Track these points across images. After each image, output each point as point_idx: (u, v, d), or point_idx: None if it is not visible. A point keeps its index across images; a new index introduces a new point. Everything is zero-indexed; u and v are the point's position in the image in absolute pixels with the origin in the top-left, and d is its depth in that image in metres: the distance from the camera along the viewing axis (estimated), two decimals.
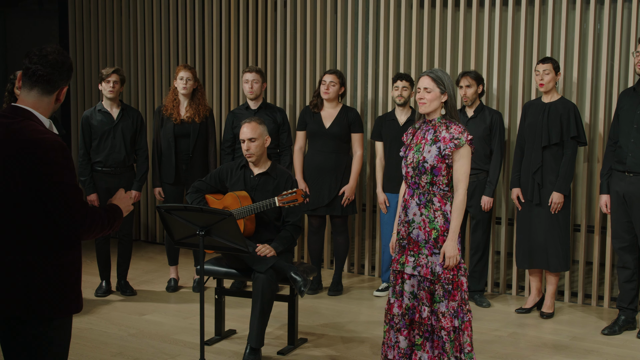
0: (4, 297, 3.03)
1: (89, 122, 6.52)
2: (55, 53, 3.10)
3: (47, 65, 3.07)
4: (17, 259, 3.01)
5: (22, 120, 3.03)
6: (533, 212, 6.15)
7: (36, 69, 3.07)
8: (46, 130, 3.04)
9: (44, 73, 3.07)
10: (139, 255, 8.08)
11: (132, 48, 8.70)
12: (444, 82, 4.43)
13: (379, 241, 7.33)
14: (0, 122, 3.04)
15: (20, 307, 3.03)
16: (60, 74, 3.10)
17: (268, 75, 7.85)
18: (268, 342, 5.45)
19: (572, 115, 6.02)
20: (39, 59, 3.07)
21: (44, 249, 3.03)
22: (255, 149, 5.39)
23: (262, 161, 5.48)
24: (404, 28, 7.20)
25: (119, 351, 5.34)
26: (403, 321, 4.48)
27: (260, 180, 5.46)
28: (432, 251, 4.41)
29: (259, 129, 5.40)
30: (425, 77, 4.46)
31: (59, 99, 3.15)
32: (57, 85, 3.12)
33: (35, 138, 2.97)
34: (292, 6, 7.73)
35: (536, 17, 6.64)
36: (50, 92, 3.11)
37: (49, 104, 3.13)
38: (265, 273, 5.09)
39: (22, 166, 2.96)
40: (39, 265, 3.03)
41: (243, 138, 5.40)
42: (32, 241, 3.02)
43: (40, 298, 3.04)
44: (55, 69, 3.08)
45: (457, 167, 4.40)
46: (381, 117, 6.84)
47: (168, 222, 4.76)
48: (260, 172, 5.48)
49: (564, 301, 6.66)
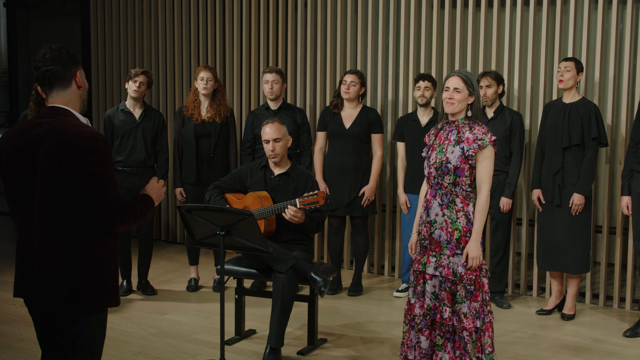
0: (47, 290, 3.13)
1: (111, 122, 6.56)
2: (51, 50, 3.23)
3: (49, 63, 3.21)
4: (60, 251, 3.12)
5: (62, 117, 3.18)
6: (554, 214, 6.12)
7: (42, 70, 3.21)
8: (85, 125, 3.19)
9: (50, 70, 3.21)
10: (159, 254, 8.12)
11: (153, 48, 8.74)
12: (473, 84, 4.43)
13: (399, 242, 7.32)
14: (40, 122, 3.18)
15: (63, 300, 3.12)
16: (64, 63, 3.22)
17: (288, 76, 7.86)
18: (288, 342, 5.46)
19: (594, 115, 5.98)
20: (40, 62, 3.22)
21: (85, 242, 3.14)
22: (279, 149, 5.41)
23: (283, 161, 5.49)
24: (425, 28, 7.19)
25: (139, 350, 5.37)
26: (424, 321, 4.47)
27: (280, 181, 5.47)
28: (454, 252, 4.41)
29: (282, 129, 5.42)
30: (456, 77, 4.44)
31: (80, 85, 3.28)
32: (69, 75, 3.24)
33: (77, 131, 3.11)
34: (312, 6, 7.73)
35: (558, 17, 6.61)
36: (66, 84, 3.24)
37: (74, 95, 3.27)
38: (286, 273, 5.10)
39: (66, 158, 3.07)
40: (81, 258, 3.14)
41: (268, 139, 5.41)
42: (75, 233, 3.13)
43: (82, 291, 3.14)
44: (57, 62, 3.21)
45: (481, 168, 4.39)
46: (403, 118, 6.83)
47: (189, 222, 4.78)
48: (280, 172, 5.49)
49: (585, 303, 6.62)
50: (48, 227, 3.12)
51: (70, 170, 3.07)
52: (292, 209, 5.20)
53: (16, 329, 5.76)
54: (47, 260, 3.12)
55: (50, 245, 3.12)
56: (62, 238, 3.11)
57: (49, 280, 3.12)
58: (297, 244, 5.46)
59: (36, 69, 3.22)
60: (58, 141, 3.09)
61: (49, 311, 3.16)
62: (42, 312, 3.20)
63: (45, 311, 3.17)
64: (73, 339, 3.18)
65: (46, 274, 3.12)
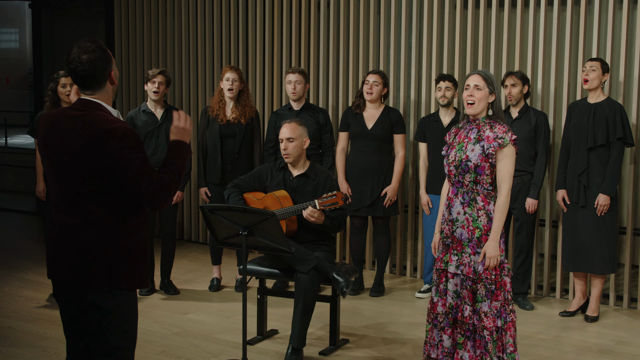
0: (83, 270, 3.28)
1: (133, 123, 6.59)
2: (86, 52, 3.30)
3: (86, 66, 3.30)
4: (98, 234, 3.28)
5: (94, 112, 3.30)
6: (578, 214, 6.08)
7: (78, 72, 3.31)
8: (117, 119, 3.31)
9: (86, 73, 3.31)
10: (182, 254, 8.15)
11: (177, 49, 8.78)
12: (493, 83, 4.42)
13: (421, 242, 7.31)
14: (73, 115, 3.32)
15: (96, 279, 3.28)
16: (98, 67, 3.32)
17: (311, 76, 7.86)
18: (310, 343, 5.47)
19: (619, 115, 5.93)
20: (76, 64, 3.30)
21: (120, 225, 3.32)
22: (292, 149, 5.41)
23: (300, 162, 5.50)
24: (447, 28, 7.16)
25: (162, 349, 5.40)
26: (447, 320, 4.47)
27: (299, 182, 5.48)
28: (475, 250, 4.40)
29: (298, 130, 5.42)
30: (476, 75, 4.44)
31: (114, 82, 3.39)
32: (103, 76, 3.35)
33: (110, 127, 3.24)
34: (335, 7, 7.73)
35: (582, 17, 6.56)
36: (101, 84, 3.36)
37: (107, 91, 3.39)
38: (308, 273, 5.11)
39: (101, 151, 3.22)
40: (116, 241, 3.30)
41: (281, 137, 5.44)
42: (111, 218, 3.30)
43: (114, 270, 3.29)
44: (92, 64, 3.30)
45: (501, 166, 4.38)
46: (425, 118, 6.81)
47: (211, 222, 4.80)
48: (299, 173, 5.50)
49: (609, 305, 6.57)
50: (86, 212, 3.27)
51: (106, 162, 3.22)
52: (310, 210, 5.21)
53: (40, 327, 5.81)
54: (83, 242, 3.28)
55: (88, 228, 3.27)
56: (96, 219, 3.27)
57: (86, 261, 3.27)
58: (319, 244, 5.46)
59: (72, 72, 3.32)
60: (94, 136, 3.22)
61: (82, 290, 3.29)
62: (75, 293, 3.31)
63: (78, 290, 3.30)
64: (109, 318, 3.30)
65: (83, 255, 3.27)
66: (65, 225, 3.32)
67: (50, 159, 3.35)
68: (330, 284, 5.25)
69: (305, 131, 5.49)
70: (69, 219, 3.31)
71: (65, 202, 3.33)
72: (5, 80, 16.63)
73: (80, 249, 3.28)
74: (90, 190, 3.27)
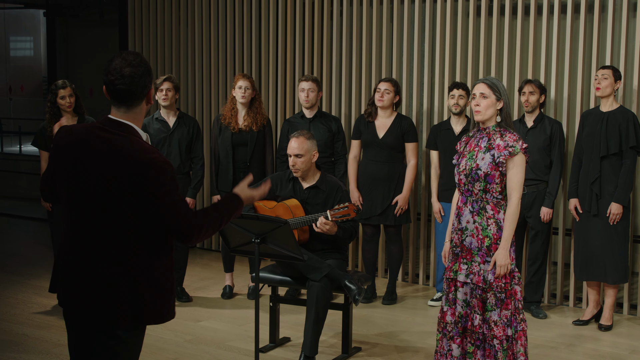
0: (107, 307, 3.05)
1: (146, 130, 6.61)
2: (131, 65, 3.08)
3: (126, 81, 3.07)
4: (122, 265, 3.04)
5: (127, 137, 3.07)
6: (591, 223, 6.06)
7: (117, 86, 3.07)
8: (153, 149, 3.07)
9: (125, 89, 3.07)
10: (194, 262, 8.16)
11: (190, 57, 8.81)
12: (499, 89, 4.43)
13: (433, 250, 7.29)
14: (101, 136, 3.07)
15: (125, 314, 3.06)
16: (140, 83, 3.10)
17: (324, 84, 7.87)
18: (322, 351, 5.47)
19: (632, 124, 5.91)
20: (116, 77, 3.06)
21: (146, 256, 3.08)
22: (301, 165, 5.41)
23: (310, 174, 5.49)
24: (460, 36, 7.16)
25: (174, 357, 5.41)
26: (456, 329, 4.46)
27: (309, 194, 5.48)
28: (485, 259, 4.39)
29: (306, 145, 5.40)
30: (481, 83, 4.47)
31: (150, 102, 3.18)
32: (142, 94, 3.13)
33: (146, 159, 3.01)
34: (348, 15, 7.75)
35: (595, 24, 6.55)
36: (137, 102, 3.13)
37: (141, 111, 3.16)
38: (320, 281, 5.11)
39: (134, 183, 3.00)
40: (143, 273, 3.07)
41: (290, 153, 5.42)
42: (138, 248, 3.06)
43: (144, 306, 3.08)
44: (133, 81, 3.08)
45: (511, 175, 4.38)
46: (436, 126, 6.81)
47: (224, 229, 4.81)
48: (309, 185, 5.49)
49: (623, 314, 6.53)
50: (108, 240, 3.05)
51: (136, 195, 3.01)
52: (322, 221, 5.20)
53: (54, 334, 5.83)
54: (112, 278, 3.04)
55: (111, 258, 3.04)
56: (125, 252, 3.05)
57: (114, 298, 3.04)
58: (331, 252, 5.46)
59: (110, 84, 3.08)
60: (130, 166, 3.00)
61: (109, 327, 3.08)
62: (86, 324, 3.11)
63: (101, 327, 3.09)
64: (117, 350, 3.11)
65: (111, 291, 3.04)
66: (86, 255, 3.07)
67: (71, 179, 3.09)
68: (342, 291, 5.25)
69: (314, 144, 5.47)
70: (91, 249, 3.06)
71: (85, 228, 3.08)
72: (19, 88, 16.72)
73: (108, 285, 3.04)
74: (120, 221, 3.03)
